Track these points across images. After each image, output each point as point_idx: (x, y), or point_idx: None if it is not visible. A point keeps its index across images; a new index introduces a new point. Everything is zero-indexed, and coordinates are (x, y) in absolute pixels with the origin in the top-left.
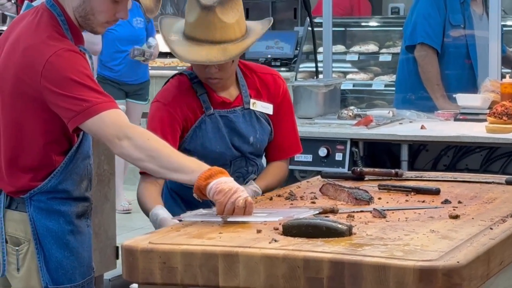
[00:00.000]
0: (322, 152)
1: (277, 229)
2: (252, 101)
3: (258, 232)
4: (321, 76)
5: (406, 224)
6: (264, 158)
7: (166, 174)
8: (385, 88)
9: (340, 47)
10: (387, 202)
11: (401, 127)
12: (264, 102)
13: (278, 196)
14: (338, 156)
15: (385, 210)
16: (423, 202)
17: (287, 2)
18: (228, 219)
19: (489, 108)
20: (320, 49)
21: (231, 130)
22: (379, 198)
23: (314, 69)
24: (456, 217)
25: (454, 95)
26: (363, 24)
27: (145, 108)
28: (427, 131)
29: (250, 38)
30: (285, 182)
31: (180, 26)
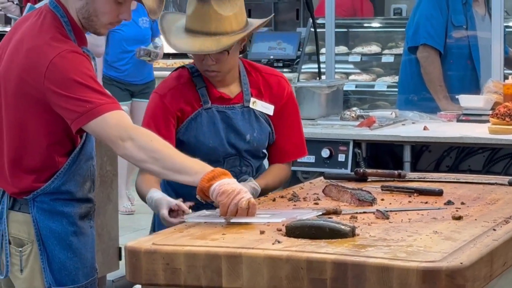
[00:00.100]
0: (325, 153)
1: (280, 230)
2: (252, 99)
3: (262, 233)
4: (323, 77)
5: (409, 225)
6: (266, 161)
7: (169, 175)
8: (387, 89)
9: (342, 48)
10: (390, 203)
11: (403, 128)
12: (265, 102)
13: (281, 197)
14: (341, 157)
15: (388, 211)
16: (426, 203)
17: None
18: (231, 220)
19: (491, 109)
20: (322, 50)
21: (228, 126)
22: (382, 199)
23: (317, 70)
24: (459, 218)
25: (456, 96)
26: (366, 25)
27: None
28: (430, 132)
29: (246, 31)
30: (287, 183)
31: (183, 21)
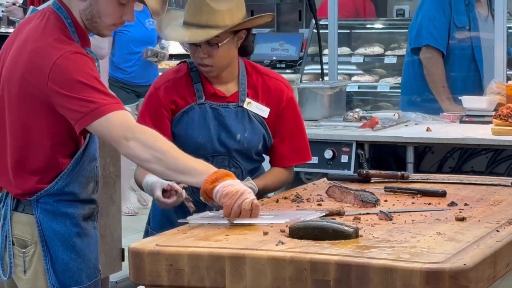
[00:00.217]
0: (328, 154)
1: (283, 231)
2: (247, 100)
3: (265, 234)
4: (326, 78)
5: (412, 226)
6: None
7: (172, 176)
8: (390, 90)
9: (345, 49)
10: (393, 205)
11: (406, 129)
12: (260, 104)
13: (285, 198)
14: (344, 158)
15: (391, 212)
16: (429, 204)
17: (292, 4)
18: (234, 222)
19: (494, 110)
20: (325, 51)
21: (219, 124)
22: (385, 200)
23: (320, 71)
24: (462, 219)
25: (459, 97)
26: (368, 26)
27: None
28: (433, 133)
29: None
30: (290, 185)
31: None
